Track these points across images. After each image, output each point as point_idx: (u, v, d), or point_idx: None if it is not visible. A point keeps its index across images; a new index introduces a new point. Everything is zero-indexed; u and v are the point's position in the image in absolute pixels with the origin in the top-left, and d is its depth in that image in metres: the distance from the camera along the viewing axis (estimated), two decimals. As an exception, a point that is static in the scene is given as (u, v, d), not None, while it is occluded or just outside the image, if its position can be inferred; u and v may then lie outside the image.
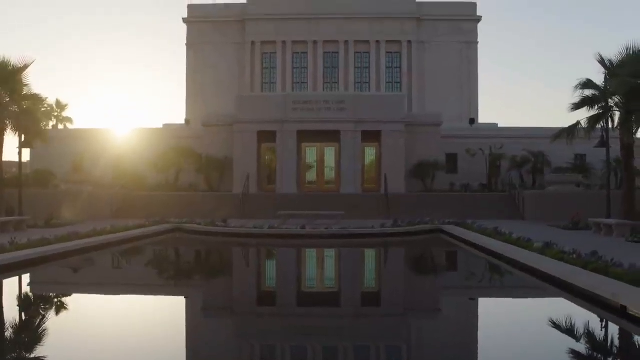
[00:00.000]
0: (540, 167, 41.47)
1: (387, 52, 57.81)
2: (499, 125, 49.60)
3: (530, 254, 15.90)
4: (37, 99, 27.85)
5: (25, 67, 26.17)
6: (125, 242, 22.10)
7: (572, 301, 11.46)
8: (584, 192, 34.72)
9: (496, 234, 21.23)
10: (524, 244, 17.93)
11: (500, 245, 18.11)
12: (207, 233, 25.73)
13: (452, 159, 43.23)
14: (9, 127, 26.66)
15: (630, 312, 9.52)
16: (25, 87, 26.97)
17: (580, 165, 40.69)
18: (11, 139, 28.78)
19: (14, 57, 26.26)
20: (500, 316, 11.24)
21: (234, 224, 27.22)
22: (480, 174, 41.55)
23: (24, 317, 11.02)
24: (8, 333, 9.56)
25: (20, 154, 28.87)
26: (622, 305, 9.78)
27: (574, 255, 14.75)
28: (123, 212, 33.93)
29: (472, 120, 51.18)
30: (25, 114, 26.47)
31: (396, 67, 58.04)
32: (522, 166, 41.52)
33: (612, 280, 11.23)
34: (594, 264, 13.20)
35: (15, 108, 26.29)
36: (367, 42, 57.70)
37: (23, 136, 27.57)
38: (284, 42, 57.75)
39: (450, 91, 56.59)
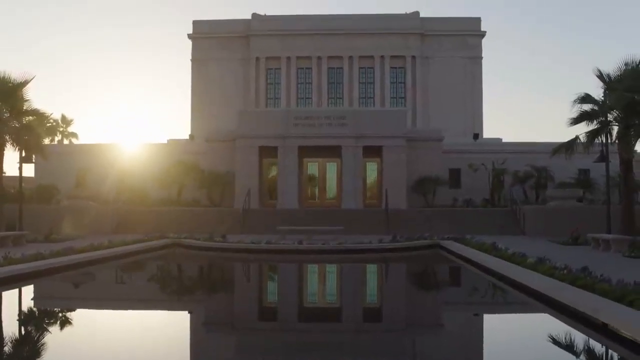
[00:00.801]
0: (543, 182, 41.29)
1: (392, 68, 57.95)
2: (503, 140, 49.52)
3: (521, 269, 15.80)
4: (38, 115, 28.00)
5: (26, 82, 26.38)
6: (121, 257, 22.11)
7: (556, 317, 11.36)
8: (585, 207, 34.51)
9: (492, 250, 21.07)
10: (518, 259, 17.81)
11: (493, 261, 18.00)
12: (204, 248, 25.71)
13: (455, 174, 43.06)
14: (9, 143, 26.79)
15: (611, 329, 9.41)
16: (25, 103, 27.14)
17: (583, 180, 40.46)
18: (13, 155, 28.98)
19: (15, 73, 26.51)
20: (479, 332, 11.17)
21: (233, 239, 27.18)
22: (483, 189, 41.38)
23: (10, 330, 10.99)
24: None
25: (20, 169, 29.02)
26: (603, 322, 9.68)
27: (565, 271, 14.66)
28: (124, 227, 33.98)
29: (476, 135, 51.03)
30: (26, 129, 26.65)
31: (400, 83, 58.14)
32: (525, 181, 41.33)
33: (597, 297, 11.12)
34: (582, 279, 13.09)
35: (15, 123, 26.45)
36: (372, 57, 57.89)
37: (23, 152, 27.70)
38: (288, 58, 58.03)
39: (455, 106, 56.58)
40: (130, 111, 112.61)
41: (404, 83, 57.90)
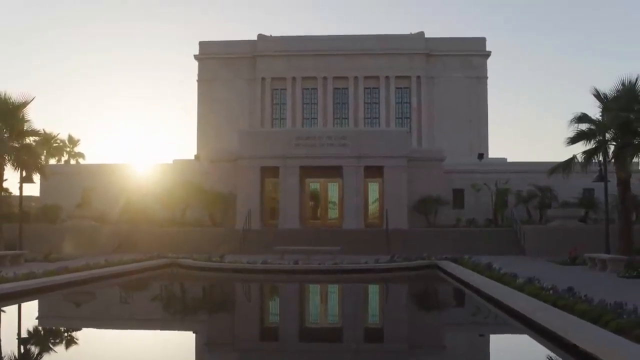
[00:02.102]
0: (548, 202, 41.01)
1: (397, 88, 58.12)
2: (509, 160, 49.31)
3: (508, 290, 15.67)
4: (38, 135, 28.36)
5: (26, 103, 26.72)
6: (115, 276, 22.20)
7: (534, 338, 11.24)
8: (586, 226, 34.33)
9: (486, 270, 20.96)
10: (508, 279, 17.70)
11: (483, 282, 17.88)
12: (200, 268, 25.80)
13: (458, 194, 42.87)
14: (10, 163, 27.06)
15: (582, 350, 9.31)
16: (26, 123, 27.45)
17: (587, 199, 40.13)
18: (17, 174, 29.19)
19: (15, 94, 26.85)
20: (450, 353, 11.10)
21: (231, 259, 27.20)
22: (487, 209, 41.20)
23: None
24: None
25: (20, 189, 29.28)
26: (573, 343, 9.59)
27: (550, 292, 14.57)
28: (126, 247, 34.14)
29: (481, 155, 50.87)
30: (25, 149, 26.93)
31: (406, 103, 58.26)
32: (528, 201, 41.05)
33: (572, 317, 11.02)
34: (565, 300, 13.03)
35: (15, 144, 26.75)
36: (377, 77, 58.10)
37: (24, 172, 27.95)
38: (293, 78, 58.35)
39: (460, 126, 56.56)
40: (138, 131, 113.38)
41: (409, 103, 58.01)
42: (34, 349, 11.24)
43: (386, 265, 25.26)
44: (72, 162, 54.09)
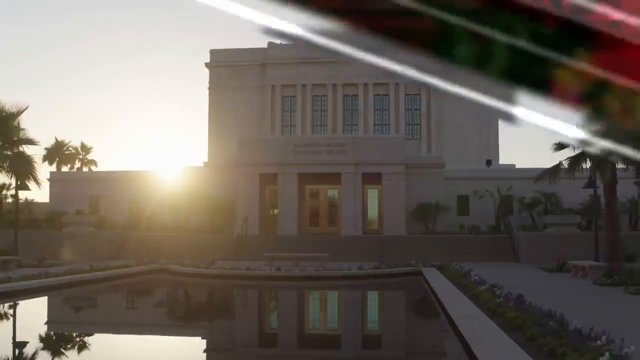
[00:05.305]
0: (554, 208, 40.52)
1: (406, 95, 57.82)
2: (517, 166, 48.88)
3: (460, 298, 15.69)
4: (32, 143, 28.91)
5: (19, 113, 27.28)
6: (96, 282, 22.52)
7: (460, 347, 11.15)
8: (580, 233, 33.94)
9: (462, 277, 20.96)
10: (472, 286, 17.66)
11: (442, 289, 17.89)
12: (186, 274, 26.08)
13: (463, 200, 42.63)
14: (4, 170, 27.66)
15: None
16: (21, 132, 28.03)
17: (591, 206, 39.47)
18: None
19: (9, 104, 27.46)
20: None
21: (221, 265, 27.37)
22: (492, 216, 40.88)
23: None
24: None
25: (16, 195, 29.93)
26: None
27: (501, 299, 14.51)
28: (124, 252, 34.50)
29: (489, 162, 50.57)
30: (18, 157, 27.50)
31: (416, 109, 57.95)
32: (532, 207, 40.62)
33: (492, 326, 10.99)
34: (503, 307, 13.02)
35: (8, 152, 27.35)
36: (386, 84, 57.89)
37: (18, 179, 28.55)
38: (303, 86, 58.47)
39: (469, 132, 56.06)
40: (152, 139, 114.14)
41: (419, 110, 57.70)
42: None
43: (368, 272, 25.22)
44: (85, 169, 55.02)
